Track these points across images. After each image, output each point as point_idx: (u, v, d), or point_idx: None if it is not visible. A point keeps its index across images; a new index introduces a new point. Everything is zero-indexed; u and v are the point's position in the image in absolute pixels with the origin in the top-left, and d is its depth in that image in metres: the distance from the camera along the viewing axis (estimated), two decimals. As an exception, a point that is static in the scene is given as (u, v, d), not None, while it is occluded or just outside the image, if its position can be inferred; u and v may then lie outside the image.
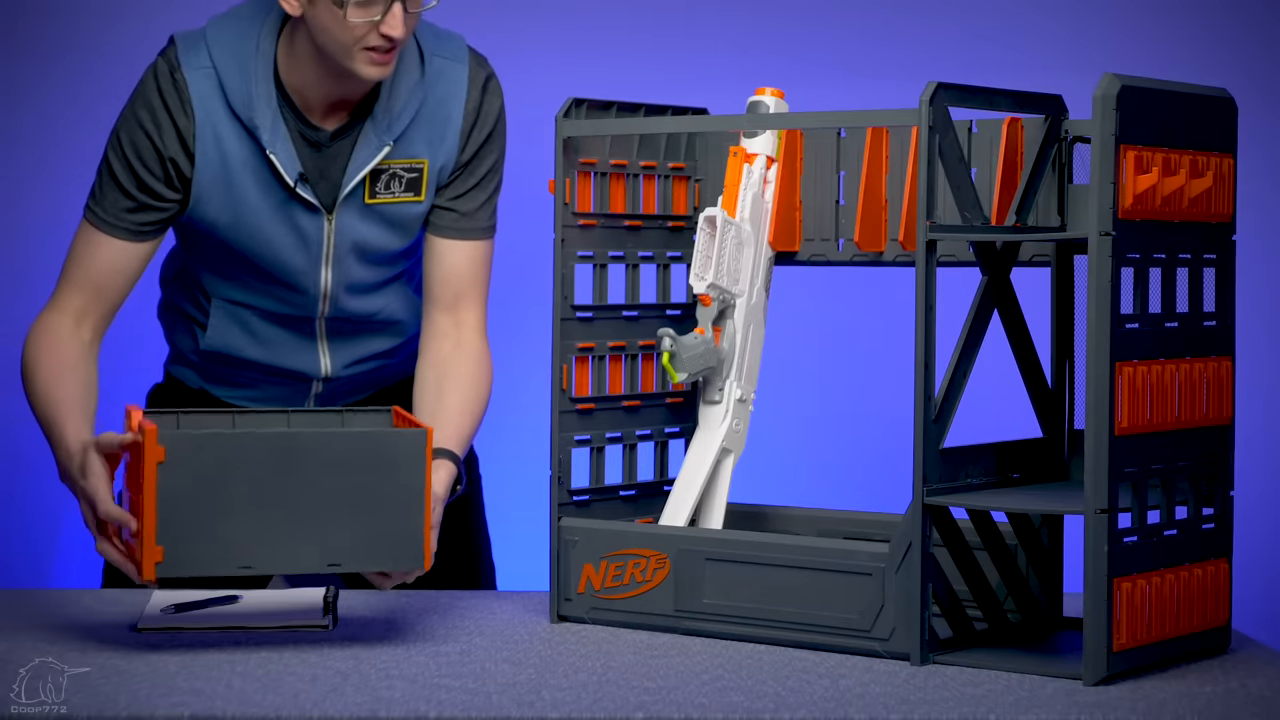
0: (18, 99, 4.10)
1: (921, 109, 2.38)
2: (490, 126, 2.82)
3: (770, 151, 2.73)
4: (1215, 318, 2.48)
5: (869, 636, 2.46)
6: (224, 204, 2.76)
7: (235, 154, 2.74)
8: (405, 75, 2.75)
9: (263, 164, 2.74)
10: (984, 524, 2.54)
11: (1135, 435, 2.34)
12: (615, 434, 2.78)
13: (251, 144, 2.74)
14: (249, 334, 2.91)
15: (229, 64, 2.72)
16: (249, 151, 2.74)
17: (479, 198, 2.83)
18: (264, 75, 2.72)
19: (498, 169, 2.85)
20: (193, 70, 2.73)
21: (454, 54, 2.80)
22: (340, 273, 2.83)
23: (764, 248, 2.73)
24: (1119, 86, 2.31)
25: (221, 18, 2.77)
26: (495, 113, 2.82)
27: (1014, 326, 2.60)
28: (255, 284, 2.86)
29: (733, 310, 2.70)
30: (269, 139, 2.72)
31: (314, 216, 2.78)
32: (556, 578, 2.67)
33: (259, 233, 2.78)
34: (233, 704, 2.20)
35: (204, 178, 2.74)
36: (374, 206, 2.78)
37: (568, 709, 2.20)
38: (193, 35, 2.76)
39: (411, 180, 2.78)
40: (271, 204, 2.76)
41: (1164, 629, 2.39)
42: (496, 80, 2.83)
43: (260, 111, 2.72)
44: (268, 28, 2.73)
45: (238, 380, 2.98)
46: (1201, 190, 2.42)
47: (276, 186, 2.76)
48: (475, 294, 2.84)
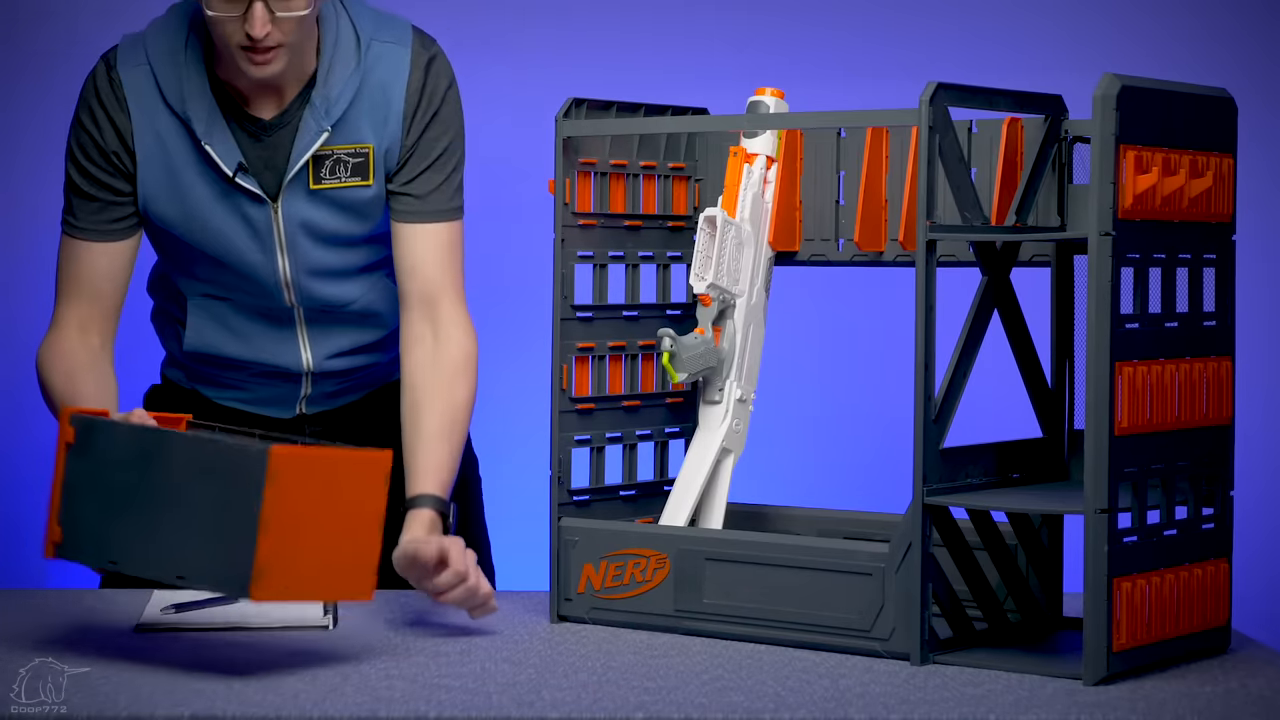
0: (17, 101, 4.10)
1: (921, 109, 2.38)
2: (436, 106, 2.81)
3: (770, 151, 2.73)
4: (1215, 318, 2.48)
5: (869, 636, 2.45)
6: (171, 199, 2.79)
7: (177, 149, 2.77)
8: (340, 62, 2.77)
9: (203, 156, 2.77)
10: (984, 524, 2.54)
11: (1135, 435, 2.34)
12: (615, 434, 2.78)
13: (188, 137, 2.76)
14: (227, 329, 2.91)
15: (163, 59, 2.76)
16: (189, 145, 2.77)
17: (435, 179, 2.82)
18: (196, 68, 2.75)
19: (454, 150, 2.84)
20: (129, 69, 2.77)
21: (396, 37, 2.80)
22: (297, 259, 2.84)
23: (764, 248, 2.73)
24: (1119, 86, 2.31)
25: (160, 18, 2.81)
26: (441, 93, 2.82)
27: (1014, 326, 2.60)
28: (221, 278, 2.87)
29: (733, 310, 2.70)
30: (204, 130, 2.75)
31: (260, 206, 2.79)
32: (556, 578, 2.67)
33: (208, 225, 2.80)
34: (233, 704, 2.20)
35: (147, 174, 2.77)
36: (321, 192, 2.80)
37: (568, 709, 2.20)
38: (135, 35, 2.81)
39: (358, 165, 2.80)
40: (215, 195, 2.78)
41: (1164, 629, 2.39)
42: (444, 61, 2.83)
43: (194, 104, 2.75)
44: (198, 21, 2.76)
45: (224, 380, 2.98)
46: (1201, 190, 2.42)
47: (217, 178, 2.78)
48: (447, 280, 2.82)
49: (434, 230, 2.83)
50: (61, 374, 2.76)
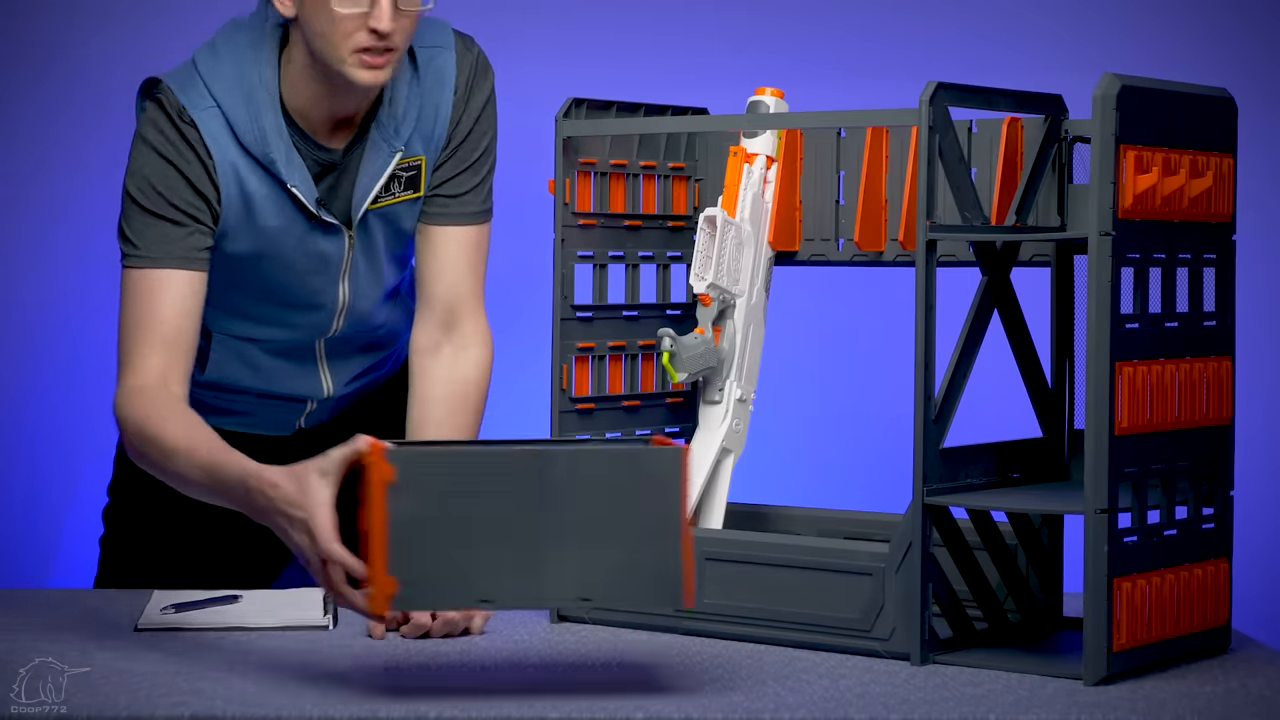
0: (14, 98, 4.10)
1: (921, 109, 2.38)
2: (479, 109, 2.76)
3: (770, 151, 2.73)
4: (1215, 318, 2.48)
5: (869, 636, 2.45)
6: (247, 238, 2.69)
7: (254, 189, 2.66)
8: (402, 78, 2.70)
9: (281, 195, 2.68)
10: (984, 524, 2.54)
11: (1135, 435, 2.34)
12: (615, 434, 2.78)
13: (266, 177, 2.66)
14: (249, 366, 2.86)
15: (234, 101, 2.64)
16: (266, 185, 2.67)
17: (471, 181, 2.78)
18: (270, 107, 2.65)
19: (490, 151, 2.80)
20: (199, 111, 2.64)
21: (441, 41, 2.73)
22: (356, 284, 2.79)
23: (764, 248, 2.73)
24: (1119, 86, 2.31)
25: (210, 51, 2.69)
26: (485, 95, 2.77)
27: (1014, 326, 2.60)
28: (268, 314, 2.80)
29: (733, 310, 2.70)
30: (286, 172, 2.66)
31: (334, 236, 2.73)
32: (556, 578, 2.67)
33: (281, 260, 2.72)
34: (233, 704, 2.20)
35: (229, 213, 2.66)
36: (379, 210, 2.75)
37: (568, 709, 2.20)
38: (184, 75, 2.67)
39: (410, 178, 2.74)
40: (291, 230, 2.70)
41: (1164, 629, 2.39)
42: (485, 60, 2.77)
43: (274, 145, 2.65)
44: (265, 56, 2.66)
45: (231, 407, 2.93)
46: (1201, 190, 2.42)
47: (299, 215, 2.69)
48: (472, 284, 2.79)
49: (464, 232, 2.78)
50: (171, 435, 2.51)
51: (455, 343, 2.78)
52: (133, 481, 2.98)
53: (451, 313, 2.78)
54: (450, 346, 2.78)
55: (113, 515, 3.02)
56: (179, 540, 2.97)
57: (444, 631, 2.55)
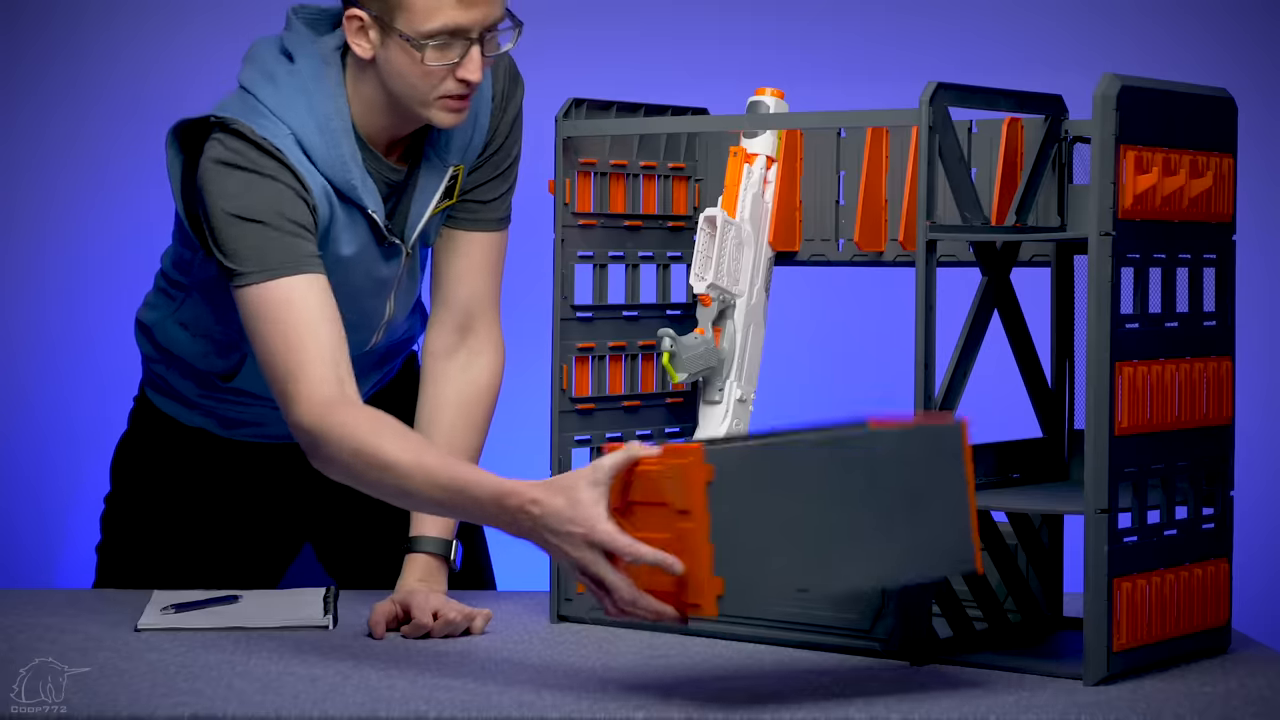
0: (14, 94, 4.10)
1: (921, 109, 2.38)
2: (514, 117, 2.75)
3: (770, 151, 2.73)
4: (1215, 318, 2.48)
5: (869, 636, 2.45)
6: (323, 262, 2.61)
7: (327, 213, 2.60)
8: None
9: (357, 222, 2.64)
10: (984, 524, 2.54)
11: (1135, 435, 2.34)
12: (615, 434, 2.78)
13: (341, 204, 2.62)
14: None
15: (308, 129, 2.59)
16: (344, 212, 2.62)
17: (499, 188, 2.77)
18: (345, 135, 2.60)
19: (517, 160, 2.79)
20: (280, 140, 2.57)
21: None
22: (399, 301, 2.77)
23: (764, 248, 2.73)
24: (1119, 86, 2.31)
25: (268, 82, 2.61)
26: (518, 103, 2.76)
27: (1014, 326, 2.60)
28: None
29: (733, 310, 2.70)
30: (366, 198, 2.62)
31: (395, 258, 2.71)
32: (556, 578, 2.67)
33: (348, 280, 2.66)
34: (233, 704, 2.20)
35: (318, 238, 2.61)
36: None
37: (568, 709, 2.20)
38: (244, 108, 2.59)
39: (449, 187, 2.72)
40: (365, 259, 2.67)
41: (1164, 629, 2.39)
42: (515, 68, 2.76)
43: (353, 171, 2.60)
44: (334, 82, 2.61)
45: (242, 419, 2.91)
46: (1201, 190, 2.42)
47: (370, 240, 2.66)
48: (489, 290, 2.78)
49: (489, 239, 2.78)
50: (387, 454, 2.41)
51: (470, 348, 2.78)
52: (131, 488, 2.98)
53: (470, 317, 2.77)
54: (465, 351, 2.77)
55: (110, 521, 3.01)
56: (178, 542, 2.96)
57: (444, 632, 2.55)
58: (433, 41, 2.52)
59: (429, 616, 2.54)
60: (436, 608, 2.56)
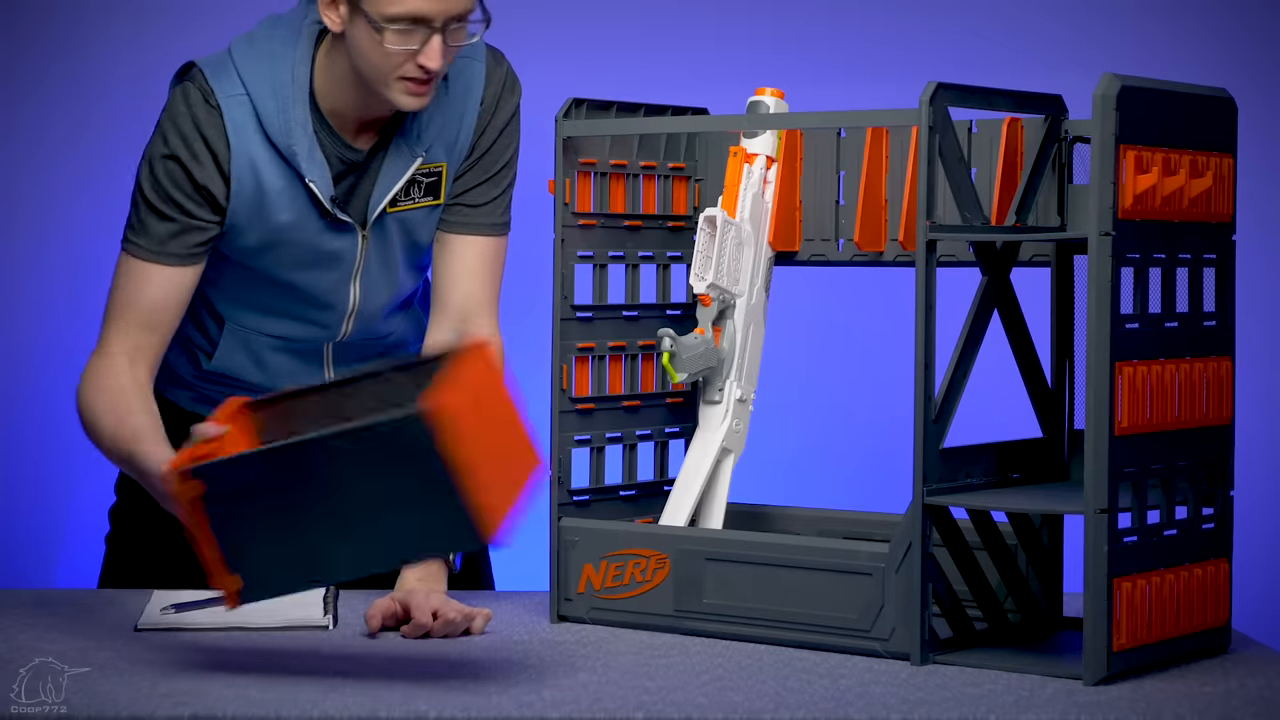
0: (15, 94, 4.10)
1: (921, 109, 2.38)
2: (505, 121, 2.78)
3: (770, 151, 2.73)
4: (1215, 318, 2.48)
5: (869, 636, 2.45)
6: (258, 230, 2.71)
7: (271, 181, 2.68)
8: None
9: (299, 189, 2.69)
10: (984, 524, 2.54)
11: (1135, 435, 2.34)
12: (615, 434, 2.78)
13: (286, 169, 2.68)
14: (254, 360, 2.87)
15: (263, 91, 2.67)
16: (285, 178, 2.69)
17: (491, 192, 2.79)
18: (300, 100, 2.67)
19: (512, 165, 2.81)
20: (227, 98, 2.67)
21: (472, 50, 2.74)
22: (367, 287, 2.80)
23: (764, 248, 2.73)
24: (1119, 86, 2.31)
25: (248, 41, 2.71)
26: (511, 108, 2.79)
27: (1014, 326, 2.60)
28: (279, 307, 2.81)
29: (733, 310, 2.70)
30: (306, 167, 2.67)
31: (348, 235, 2.74)
32: (556, 578, 2.68)
33: (291, 255, 2.74)
34: (233, 704, 2.20)
35: (239, 205, 2.69)
36: (396, 214, 2.76)
37: (568, 709, 2.20)
38: (218, 61, 2.71)
39: (431, 184, 2.75)
40: (303, 225, 2.72)
41: (1164, 629, 2.39)
42: (514, 74, 2.80)
43: (297, 139, 2.67)
44: (301, 52, 2.68)
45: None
46: (1201, 190, 2.42)
47: (313, 211, 2.71)
48: (486, 295, 2.80)
49: (482, 243, 2.80)
50: (112, 417, 2.62)
51: None
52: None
53: (465, 320, 2.78)
54: None
55: (119, 514, 3.02)
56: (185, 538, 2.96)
57: (444, 632, 2.55)
58: (395, 25, 2.57)
59: (428, 616, 2.54)
60: (436, 607, 2.56)
